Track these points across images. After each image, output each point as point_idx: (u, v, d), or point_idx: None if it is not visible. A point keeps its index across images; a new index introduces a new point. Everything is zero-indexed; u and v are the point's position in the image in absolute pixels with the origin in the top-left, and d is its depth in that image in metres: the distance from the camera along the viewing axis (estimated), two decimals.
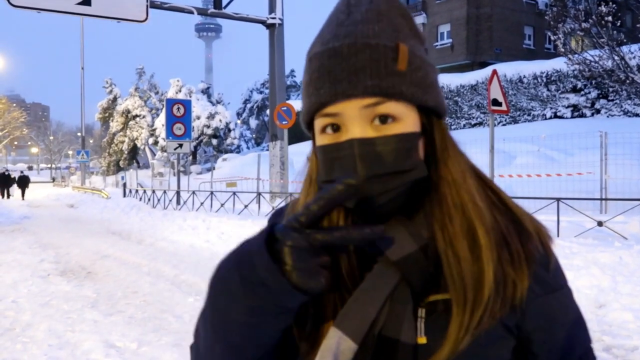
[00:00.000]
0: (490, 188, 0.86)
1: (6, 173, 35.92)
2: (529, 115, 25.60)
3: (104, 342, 4.91)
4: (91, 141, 78.54)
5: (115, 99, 54.27)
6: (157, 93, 54.18)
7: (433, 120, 0.81)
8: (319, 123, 0.80)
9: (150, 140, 47.68)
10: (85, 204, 25.37)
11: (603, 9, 13.06)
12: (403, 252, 0.77)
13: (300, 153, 29.90)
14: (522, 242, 0.81)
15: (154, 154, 47.53)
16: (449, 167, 0.80)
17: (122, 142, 51.49)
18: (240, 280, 0.71)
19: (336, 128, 0.78)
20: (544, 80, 24.84)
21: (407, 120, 0.77)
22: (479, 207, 0.79)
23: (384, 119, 0.76)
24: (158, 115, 46.80)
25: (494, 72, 9.38)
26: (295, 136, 32.97)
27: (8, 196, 34.31)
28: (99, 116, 55.73)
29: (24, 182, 35.26)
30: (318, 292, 0.71)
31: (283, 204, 13.38)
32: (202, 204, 15.93)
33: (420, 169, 0.78)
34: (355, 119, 0.76)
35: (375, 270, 0.79)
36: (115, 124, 51.72)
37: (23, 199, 33.48)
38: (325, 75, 0.76)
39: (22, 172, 42.39)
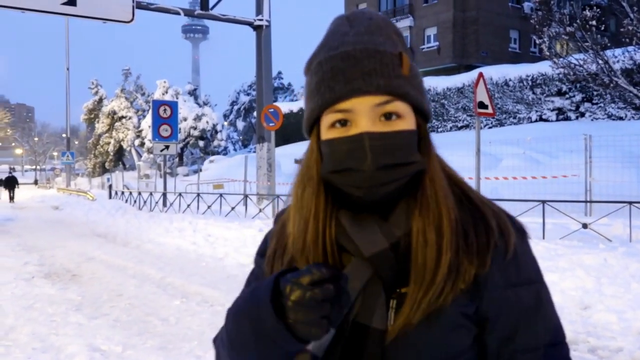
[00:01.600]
0: (457, 185, 0.95)
1: (11, 175, 33.57)
2: (514, 118, 25.80)
3: (89, 345, 4.86)
4: (76, 142, 77.91)
5: (101, 100, 53.90)
6: (143, 94, 53.91)
7: (422, 123, 0.92)
8: (328, 119, 0.88)
9: (137, 142, 47.43)
10: (71, 205, 25.14)
11: (587, 13, 13.20)
12: (375, 249, 0.87)
13: (287, 155, 29.84)
14: (478, 235, 0.90)
15: (140, 156, 47.25)
16: (431, 164, 0.90)
17: (108, 143, 51.15)
18: (251, 330, 0.82)
19: (344, 123, 0.87)
20: (530, 83, 25.05)
21: (408, 119, 0.88)
22: (449, 201, 0.89)
23: (390, 116, 0.86)
24: (144, 116, 46.57)
25: (480, 74, 9.43)
26: (283, 138, 32.94)
27: (12, 199, 32.15)
28: (84, 117, 55.33)
29: (11, 183, 32.83)
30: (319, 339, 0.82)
31: (270, 206, 13.37)
32: (188, 206, 15.85)
33: (421, 162, 0.89)
34: (366, 115, 0.85)
35: (350, 265, 0.89)
36: (101, 126, 51.38)
37: (12, 201, 31.38)
38: (339, 75, 0.86)
39: (10, 172, 41.50)
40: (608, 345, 4.61)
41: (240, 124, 59.71)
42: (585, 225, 8.08)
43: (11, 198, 31.59)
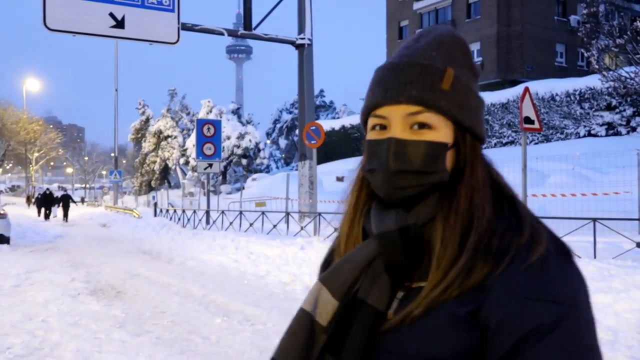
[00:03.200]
0: (506, 199, 0.95)
1: (47, 192, 33.10)
2: (562, 133, 25.16)
3: None
4: (124, 161, 79.96)
5: (147, 120, 55.22)
6: (188, 114, 54.99)
7: (467, 139, 0.95)
8: (370, 122, 0.96)
9: (182, 160, 48.32)
10: (117, 223, 25.69)
11: (638, 24, 12.79)
12: (383, 228, 0.92)
13: (329, 172, 29.88)
14: (503, 237, 0.87)
15: (184, 174, 48.10)
16: (471, 177, 0.92)
17: (154, 162, 52.27)
18: None
19: (383, 127, 0.94)
20: (577, 98, 24.42)
21: (441, 131, 0.91)
22: (485, 212, 0.90)
23: (421, 125, 0.91)
24: (189, 135, 47.43)
25: (526, 89, 9.22)
26: (325, 156, 33.01)
27: (48, 217, 31.30)
28: (131, 137, 56.75)
29: (66, 201, 30.95)
30: None
31: (312, 224, 13.32)
32: (231, 223, 15.97)
33: (442, 174, 0.92)
34: (398, 122, 0.92)
35: (363, 242, 0.96)
36: (147, 145, 52.57)
37: (66, 220, 30.01)
38: (380, 83, 0.94)
39: (65, 190, 41.88)
40: None
41: (283, 142, 60.20)
42: (639, 244, 7.74)
43: (65, 216, 30.43)
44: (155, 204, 28.89)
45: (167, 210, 25.13)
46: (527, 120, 9.11)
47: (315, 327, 0.92)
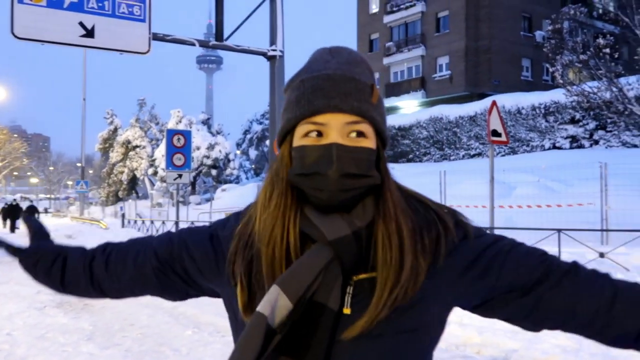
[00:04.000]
0: (411, 196, 1.10)
1: (14, 203, 31.80)
2: (527, 146, 25.70)
3: None
4: (91, 172, 78.60)
5: (115, 130, 54.50)
6: (157, 124, 54.47)
7: (380, 145, 1.05)
8: (303, 129, 1.00)
9: (150, 171, 47.76)
10: (84, 234, 25.23)
11: (601, 41, 13.21)
12: (338, 234, 0.98)
13: None
14: (431, 233, 1.04)
15: (153, 185, 47.53)
16: (388, 181, 1.05)
17: (122, 172, 51.56)
18: None
19: (318, 134, 0.99)
20: (543, 111, 24.99)
21: (371, 139, 1.02)
22: (406, 211, 1.04)
23: (357, 134, 1.00)
24: (158, 145, 46.95)
25: (494, 103, 9.43)
26: None
27: (13, 229, 29.72)
28: (99, 147, 55.90)
29: (32, 212, 29.58)
30: None
31: None
32: None
33: (377, 178, 1.02)
34: (337, 129, 0.98)
35: (314, 247, 1.00)
36: (115, 155, 51.85)
37: (13, 231, 29.00)
38: (319, 92, 0.99)
39: (31, 201, 41.06)
40: None
41: (253, 153, 60.01)
42: (602, 255, 7.97)
43: (12, 228, 28.98)
44: (123, 215, 28.49)
45: (135, 221, 24.81)
46: (495, 133, 9.32)
47: (270, 330, 0.96)
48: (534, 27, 36.75)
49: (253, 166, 60.20)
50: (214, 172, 45.46)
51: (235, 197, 30.08)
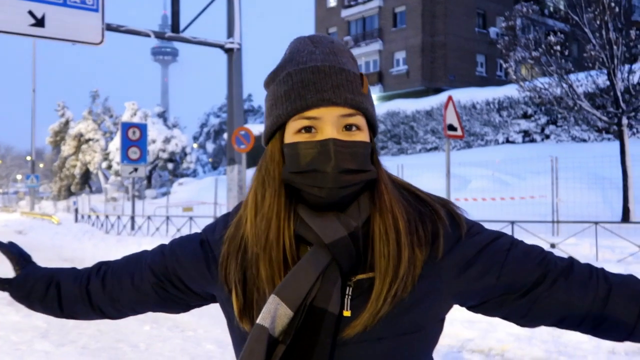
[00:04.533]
0: (404, 188, 1.08)
1: None
2: (482, 140, 26.24)
3: None
4: (41, 165, 76.31)
5: (67, 122, 53.08)
6: (111, 116, 53.29)
7: (373, 139, 1.03)
8: (295, 125, 0.96)
9: (104, 165, 46.76)
10: (35, 230, 24.54)
11: (552, 38, 13.57)
12: (335, 237, 0.95)
13: None
14: (427, 227, 1.01)
15: (107, 179, 46.55)
16: (381, 174, 1.01)
17: (74, 166, 50.30)
18: None
19: (309, 130, 0.95)
20: (496, 106, 25.55)
21: (365, 132, 0.98)
22: (401, 204, 1.01)
23: (351, 127, 0.96)
24: (112, 139, 46.01)
25: (450, 98, 9.59)
26: (253, 160, 32.79)
27: None
28: (50, 140, 54.34)
29: None
30: None
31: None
32: (157, 229, 15.63)
33: (374, 172, 0.99)
34: (332, 124, 0.94)
35: (310, 251, 0.97)
36: (67, 148, 50.53)
37: None
38: (310, 86, 0.94)
39: None
40: None
41: (210, 146, 59.42)
42: (553, 245, 8.22)
43: None
44: (77, 210, 27.82)
45: (89, 216, 24.26)
46: (451, 127, 9.48)
47: (272, 341, 0.93)
48: (488, 23, 37.49)
49: (210, 160, 59.62)
50: (170, 165, 44.83)
51: (193, 191, 29.75)
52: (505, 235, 1.06)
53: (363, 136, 0.97)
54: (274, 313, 0.93)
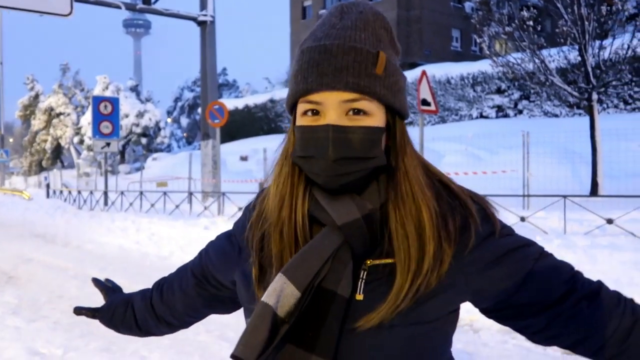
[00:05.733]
0: (438, 179, 1.01)
1: None
2: (456, 115, 26.43)
3: (27, 349, 4.70)
4: (11, 140, 74.69)
5: (37, 96, 51.96)
6: (82, 90, 52.29)
7: (396, 120, 0.96)
8: (302, 107, 0.93)
9: (76, 139, 46.02)
10: (5, 205, 24.12)
11: (525, 14, 13.65)
12: (348, 219, 0.92)
13: (232, 152, 29.53)
14: (457, 221, 0.95)
15: (79, 154, 45.86)
16: (404, 161, 0.95)
17: (45, 140, 49.39)
18: None
19: (316, 113, 0.92)
20: (471, 81, 25.71)
21: (376, 116, 0.92)
22: (426, 195, 0.94)
23: (357, 112, 0.91)
24: (84, 113, 45.18)
25: (423, 73, 9.62)
26: (228, 135, 32.61)
27: None
28: (19, 114, 53.21)
29: None
30: None
31: (215, 204, 13.22)
32: (131, 204, 15.50)
33: (381, 158, 0.93)
34: (334, 109, 0.90)
35: (322, 232, 0.95)
36: (37, 122, 49.55)
37: None
38: (314, 67, 0.90)
39: None
40: None
41: (184, 121, 58.78)
42: (523, 219, 8.36)
43: None
44: (48, 185, 27.40)
45: (61, 192, 23.94)
46: (424, 102, 9.53)
47: (277, 320, 0.91)
48: None
49: (185, 134, 59.03)
50: (144, 140, 44.28)
51: (167, 166, 29.50)
52: (535, 244, 1.01)
53: (371, 121, 0.91)
54: (279, 292, 0.91)
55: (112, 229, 12.21)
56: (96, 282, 1.46)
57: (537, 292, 0.96)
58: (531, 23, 13.50)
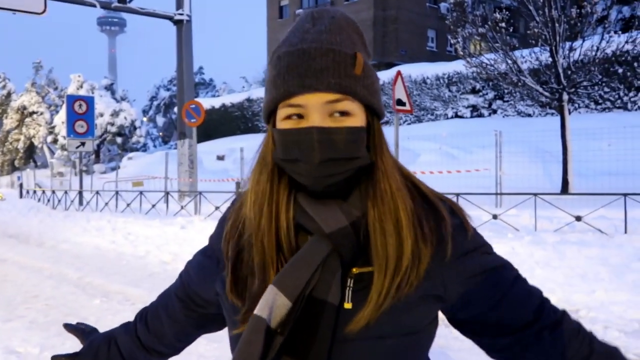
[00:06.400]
0: (410, 180, 1.02)
1: None
2: (432, 114, 26.69)
3: (4, 348, 4.70)
4: None
5: (9, 95, 51.10)
6: (56, 89, 51.58)
7: (375, 121, 0.97)
8: (283, 112, 0.92)
9: (49, 139, 45.37)
10: None
11: (497, 15, 13.89)
12: (336, 226, 0.92)
13: (209, 151, 29.30)
14: (432, 225, 0.97)
15: (53, 153, 45.22)
16: (382, 160, 0.96)
17: (18, 140, 48.62)
18: None
19: (298, 116, 0.91)
20: (446, 81, 25.98)
21: (357, 116, 0.92)
22: (403, 194, 0.95)
23: (339, 113, 0.91)
24: (58, 112, 44.56)
25: (398, 73, 9.75)
26: (205, 134, 32.47)
27: None
28: None
29: None
30: None
31: (192, 203, 13.21)
32: (106, 204, 15.39)
33: (365, 158, 0.94)
34: (317, 111, 0.90)
35: (311, 241, 0.94)
36: (9, 121, 48.74)
37: None
38: (294, 71, 0.90)
39: None
40: None
41: (160, 120, 58.31)
42: (495, 216, 8.54)
43: None
44: (21, 185, 27.03)
45: (35, 192, 23.63)
46: (399, 102, 9.66)
47: (271, 332, 0.91)
48: None
49: (161, 134, 58.57)
50: (119, 139, 43.86)
51: (143, 166, 29.27)
52: (510, 264, 1.03)
53: (354, 121, 0.92)
54: (271, 304, 0.91)
55: (88, 229, 12.13)
56: (69, 326, 1.37)
57: (507, 315, 0.99)
58: (504, 24, 13.74)
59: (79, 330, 1.36)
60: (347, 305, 0.93)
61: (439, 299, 0.98)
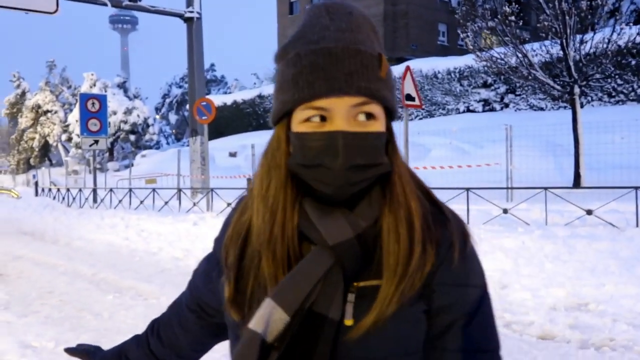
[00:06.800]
0: (418, 184, 0.97)
1: None
2: (443, 109, 26.61)
3: (19, 342, 4.80)
4: None
5: (23, 94, 51.64)
6: (69, 87, 52.05)
7: (390, 125, 0.93)
8: (303, 114, 0.87)
9: (64, 137, 45.83)
10: None
11: (507, 9, 13.82)
12: (340, 238, 0.87)
13: (221, 148, 29.41)
14: (437, 229, 0.93)
15: (67, 151, 45.67)
16: (397, 163, 0.92)
17: (33, 139, 49.15)
18: None
19: (321, 119, 0.86)
20: (457, 75, 25.88)
21: (381, 120, 0.88)
22: (417, 198, 0.92)
23: (365, 116, 0.86)
24: (71, 110, 45.00)
25: (407, 68, 9.77)
26: (216, 131, 32.62)
27: None
28: (6, 112, 52.88)
29: None
30: None
31: (204, 200, 13.32)
32: (120, 201, 15.55)
33: (387, 165, 0.90)
34: (343, 114, 0.85)
35: (312, 253, 0.89)
36: (24, 120, 49.27)
37: None
38: (319, 72, 0.84)
39: None
40: (522, 320, 4.97)
41: (173, 117, 58.62)
42: (505, 211, 8.52)
43: None
44: (37, 183, 27.34)
45: (50, 190, 23.89)
46: (409, 97, 9.67)
47: (266, 347, 0.87)
48: None
49: (174, 131, 58.88)
50: (132, 137, 44.19)
51: (156, 163, 29.47)
52: (488, 302, 0.97)
53: (378, 125, 0.88)
54: (268, 317, 0.87)
55: (101, 226, 12.27)
56: (70, 350, 1.31)
57: (457, 340, 0.92)
58: (513, 18, 13.68)
59: (83, 351, 1.30)
60: (348, 322, 0.89)
61: (422, 296, 0.92)
